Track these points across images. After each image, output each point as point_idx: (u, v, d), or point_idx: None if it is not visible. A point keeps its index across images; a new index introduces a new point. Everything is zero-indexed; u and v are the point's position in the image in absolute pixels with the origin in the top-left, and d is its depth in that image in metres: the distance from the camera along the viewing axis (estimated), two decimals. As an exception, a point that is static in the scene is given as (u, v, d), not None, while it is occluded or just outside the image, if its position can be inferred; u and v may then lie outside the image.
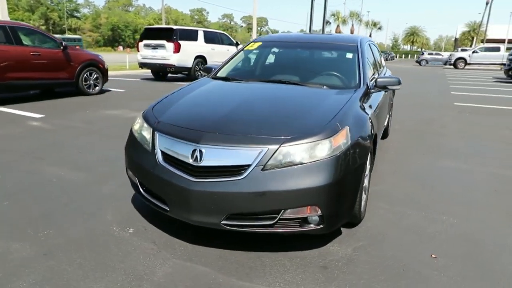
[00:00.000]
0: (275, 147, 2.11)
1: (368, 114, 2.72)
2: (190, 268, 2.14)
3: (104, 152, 4.29)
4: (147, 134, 2.50)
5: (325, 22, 32.48)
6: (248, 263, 2.20)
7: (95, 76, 8.89)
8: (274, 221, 2.13)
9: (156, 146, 2.37)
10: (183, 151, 2.23)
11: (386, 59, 50.29)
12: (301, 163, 2.10)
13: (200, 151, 2.16)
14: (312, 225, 2.18)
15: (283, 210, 2.10)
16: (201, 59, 12.92)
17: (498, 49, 26.99)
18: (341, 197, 2.19)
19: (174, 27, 12.30)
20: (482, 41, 58.96)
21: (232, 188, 2.08)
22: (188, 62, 12.46)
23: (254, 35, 28.82)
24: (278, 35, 4.44)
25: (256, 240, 2.43)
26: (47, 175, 3.50)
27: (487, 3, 38.05)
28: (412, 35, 70.77)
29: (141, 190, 2.50)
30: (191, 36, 12.69)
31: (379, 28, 44.92)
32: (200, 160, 2.15)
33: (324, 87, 3.05)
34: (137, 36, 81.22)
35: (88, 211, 2.80)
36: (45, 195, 3.05)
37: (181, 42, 12.06)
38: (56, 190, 3.16)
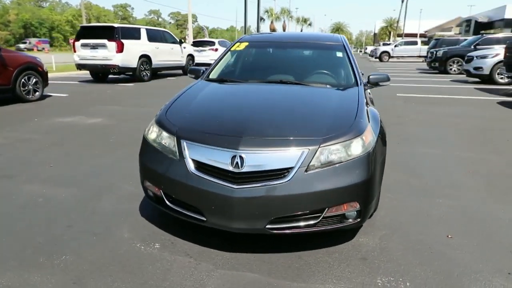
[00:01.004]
0: (315, 147, 2.15)
1: (375, 110, 2.89)
2: (239, 276, 2.11)
3: (81, 165, 3.96)
4: (170, 142, 2.38)
5: (259, 19, 32.95)
6: (294, 264, 2.23)
7: (34, 80, 8.06)
8: (318, 220, 2.18)
9: (186, 155, 2.26)
10: (220, 159, 2.17)
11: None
12: (340, 162, 2.17)
13: (241, 157, 2.12)
14: (350, 220, 2.27)
15: (326, 209, 2.16)
16: (145, 59, 12.38)
17: (416, 43, 29.88)
18: (373, 190, 2.31)
19: (115, 25, 11.59)
20: (398, 36, 64.52)
21: (277, 191, 2.08)
22: (133, 62, 11.86)
23: (191, 33, 28.25)
24: (261, 34, 4.45)
25: (283, 241, 2.45)
26: (28, 195, 3.14)
27: (402, 1, 41.67)
28: (338, 30, 74.95)
29: (167, 202, 2.38)
30: (134, 34, 12.08)
31: (309, 24, 46.85)
32: (242, 166, 2.11)
33: (328, 86, 3.16)
34: (55, 34, 75.22)
35: (97, 231, 2.58)
36: (39, 219, 2.74)
37: (124, 41, 11.42)
38: (49, 212, 2.85)
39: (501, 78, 11.68)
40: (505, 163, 4.15)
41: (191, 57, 15.69)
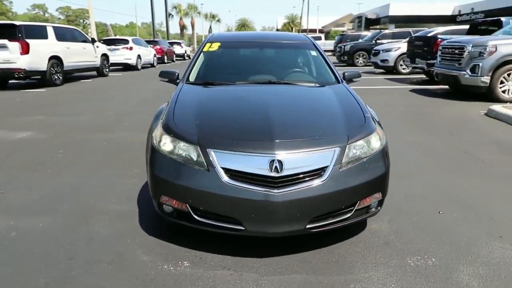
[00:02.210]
0: (344, 145, 2.25)
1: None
2: (288, 279, 2.11)
3: (40, 187, 3.44)
4: (192, 153, 2.23)
5: (168, 15, 31.90)
6: (330, 259, 2.30)
7: None
8: (351, 214, 2.29)
9: (215, 165, 2.15)
10: (257, 165, 2.12)
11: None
12: (366, 157, 2.31)
13: (279, 161, 2.11)
14: (373, 209, 2.43)
15: (358, 202, 2.28)
16: (56, 61, 11.07)
17: (320, 38, 32.17)
18: (388, 179, 2.51)
19: (17, 23, 10.14)
20: (298, 31, 68.50)
21: (316, 191, 2.13)
22: (42, 65, 10.51)
23: (94, 30, 26.08)
24: (228, 34, 4.35)
25: (300, 238, 2.46)
26: (-5, 230, 2.64)
27: (303, -1, 44.31)
28: (243, 26, 76.56)
29: (194, 216, 2.24)
30: (40, 33, 10.71)
31: (218, 21, 46.91)
32: (281, 170, 2.10)
33: (316, 84, 3.28)
34: None
35: (109, 259, 2.31)
36: (26, 256, 2.33)
37: (29, 41, 10.04)
38: (34, 246, 2.44)
39: (404, 68, 13.42)
40: (446, 143, 4.82)
41: (105, 57, 14.50)
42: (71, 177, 3.70)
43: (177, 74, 3.50)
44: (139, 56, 17.84)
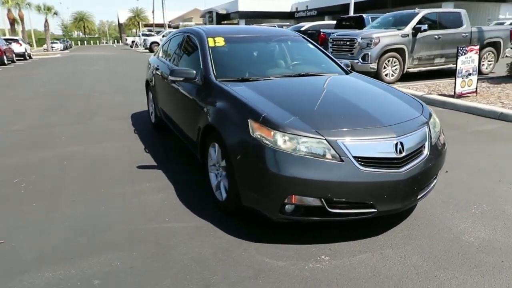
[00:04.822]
0: (426, 123, 2.61)
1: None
2: (402, 261, 2.37)
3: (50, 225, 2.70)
4: (320, 146, 2.22)
5: None
6: (388, 240, 2.45)
7: None
8: (435, 183, 2.68)
9: (348, 155, 2.22)
10: (386, 149, 2.29)
11: (66, 48, 46.86)
12: (438, 133, 2.72)
13: (401, 143, 2.33)
14: (435, 180, 2.85)
15: (439, 172, 2.69)
16: None
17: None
18: None
19: None
20: (145, 26, 65.84)
21: (424, 165, 2.43)
22: None
23: None
24: (218, 27, 4.04)
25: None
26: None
27: (153, -8, 42.61)
28: (81, 20, 68.69)
29: (328, 209, 2.25)
30: None
31: (55, 14, 40.36)
32: (403, 151, 2.33)
33: (336, 74, 3.53)
34: None
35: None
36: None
37: None
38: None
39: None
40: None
41: None
42: (64, 210, 2.99)
43: (194, 72, 3.22)
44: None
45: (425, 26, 8.89)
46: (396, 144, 2.31)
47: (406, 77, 9.33)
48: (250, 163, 2.36)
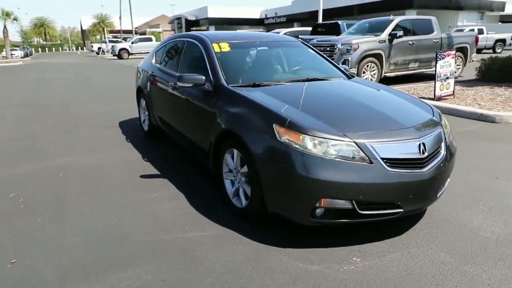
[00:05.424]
0: (440, 127, 2.71)
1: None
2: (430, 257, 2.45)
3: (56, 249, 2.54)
4: (348, 149, 2.25)
5: None
6: (412, 239, 2.54)
7: None
8: (447, 183, 2.79)
9: (376, 156, 2.26)
10: (411, 150, 2.35)
11: (26, 55, 44.73)
12: (448, 133, 2.83)
13: (423, 144, 2.40)
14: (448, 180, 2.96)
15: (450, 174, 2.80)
16: None
17: (150, 39, 31.23)
18: None
19: None
20: (110, 32, 64.10)
21: (442, 165, 2.53)
22: None
23: None
24: (218, 33, 3.97)
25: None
26: None
27: (119, -2, 41.74)
28: (42, 26, 65.71)
29: (359, 211, 2.28)
30: None
31: (15, 19, 38.19)
32: (425, 151, 2.40)
33: (341, 78, 3.59)
34: None
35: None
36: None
37: None
38: None
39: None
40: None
41: None
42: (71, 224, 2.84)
43: (204, 78, 3.17)
44: None
45: (400, 32, 9.28)
46: (419, 145, 2.39)
47: (383, 81, 9.65)
48: (278, 167, 2.35)
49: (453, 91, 7.15)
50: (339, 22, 12.37)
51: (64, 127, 5.97)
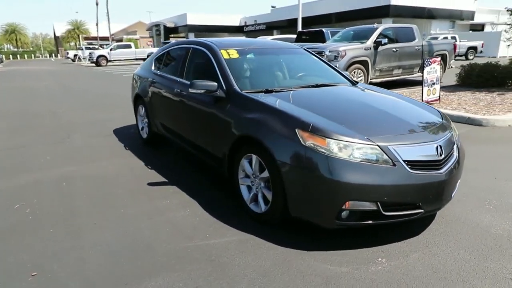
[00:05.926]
0: (451, 130, 2.83)
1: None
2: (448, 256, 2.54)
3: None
4: (373, 152, 2.32)
5: None
6: (430, 239, 2.70)
7: None
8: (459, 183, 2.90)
9: (399, 159, 2.34)
10: (430, 152, 2.45)
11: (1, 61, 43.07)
12: (457, 135, 2.95)
13: (440, 146, 2.50)
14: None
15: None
16: None
17: (130, 46, 30.77)
18: None
19: None
20: (86, 39, 62.85)
21: (457, 166, 2.64)
22: None
23: None
24: (225, 40, 3.97)
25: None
26: None
27: (96, 4, 41.06)
28: (13, 33, 63.60)
29: (383, 212, 2.34)
30: None
31: None
32: (442, 153, 2.50)
33: (347, 84, 3.68)
34: None
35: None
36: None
37: None
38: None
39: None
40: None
41: None
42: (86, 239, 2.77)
43: (216, 84, 3.18)
44: None
45: (385, 40, 9.58)
46: (437, 147, 2.49)
47: (369, 87, 9.94)
48: (303, 172, 2.39)
49: (439, 96, 7.43)
50: (324, 29, 12.63)
51: (57, 136, 5.80)
